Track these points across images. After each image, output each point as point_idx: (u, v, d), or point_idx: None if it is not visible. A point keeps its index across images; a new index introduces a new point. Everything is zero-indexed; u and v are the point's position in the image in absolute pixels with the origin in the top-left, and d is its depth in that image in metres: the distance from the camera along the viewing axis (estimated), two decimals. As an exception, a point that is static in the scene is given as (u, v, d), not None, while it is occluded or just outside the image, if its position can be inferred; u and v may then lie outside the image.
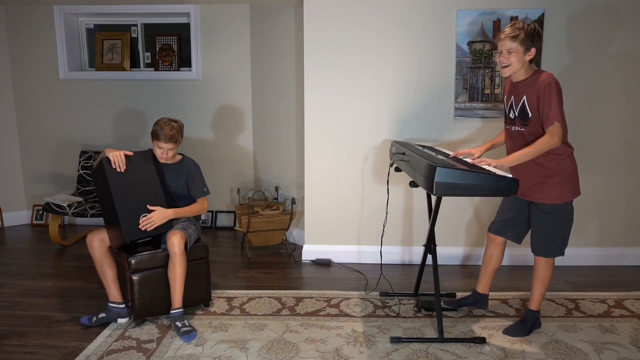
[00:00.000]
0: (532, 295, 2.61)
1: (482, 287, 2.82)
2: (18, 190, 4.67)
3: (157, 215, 2.64)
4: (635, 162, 3.53)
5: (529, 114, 2.40)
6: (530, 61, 2.42)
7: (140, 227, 2.60)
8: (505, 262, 3.60)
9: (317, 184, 3.68)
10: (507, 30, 2.38)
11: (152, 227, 2.63)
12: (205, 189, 2.92)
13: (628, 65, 3.41)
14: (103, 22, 4.68)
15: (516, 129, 2.49)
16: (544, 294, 2.59)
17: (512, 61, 2.38)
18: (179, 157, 2.92)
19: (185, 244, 2.66)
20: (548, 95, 2.31)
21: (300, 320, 2.75)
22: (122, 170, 2.61)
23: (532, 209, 2.53)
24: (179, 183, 2.87)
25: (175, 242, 2.58)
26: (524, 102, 2.42)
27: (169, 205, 2.80)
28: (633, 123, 3.48)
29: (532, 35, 2.35)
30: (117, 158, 2.61)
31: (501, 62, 2.42)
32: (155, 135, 2.73)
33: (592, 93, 3.44)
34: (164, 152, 2.76)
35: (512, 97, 2.51)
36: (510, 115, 2.53)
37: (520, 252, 3.58)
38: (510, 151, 2.56)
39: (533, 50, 2.37)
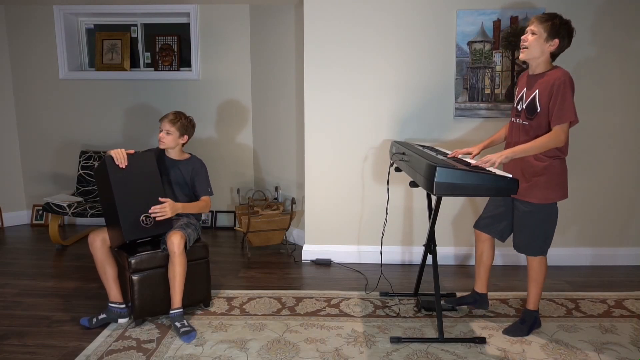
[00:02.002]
0: (528, 295, 2.61)
1: (479, 286, 2.82)
2: (18, 190, 4.67)
3: (169, 207, 2.66)
4: (635, 161, 3.52)
5: (537, 109, 2.39)
6: (553, 56, 2.40)
7: (136, 229, 2.60)
8: (505, 262, 3.60)
9: (317, 184, 3.68)
10: (542, 14, 2.39)
11: (162, 218, 2.64)
12: (209, 189, 2.93)
13: (629, 65, 3.41)
14: (103, 22, 4.68)
15: (520, 122, 2.49)
16: (540, 293, 2.59)
17: (531, 44, 2.37)
18: (187, 155, 2.95)
19: (185, 244, 2.66)
20: (562, 93, 2.29)
21: (300, 320, 2.75)
22: (124, 167, 2.62)
23: (516, 205, 2.53)
24: (183, 180, 2.89)
25: (175, 241, 2.58)
26: (535, 96, 2.40)
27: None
28: (633, 123, 3.48)
29: (561, 26, 2.34)
30: (119, 154, 2.62)
31: (522, 42, 2.41)
32: (161, 118, 2.86)
33: (592, 93, 3.44)
34: (163, 133, 2.83)
35: (525, 89, 2.49)
36: (518, 107, 2.52)
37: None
38: (510, 145, 2.55)
39: (556, 41, 2.35)
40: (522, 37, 2.42)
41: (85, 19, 4.66)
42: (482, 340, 2.51)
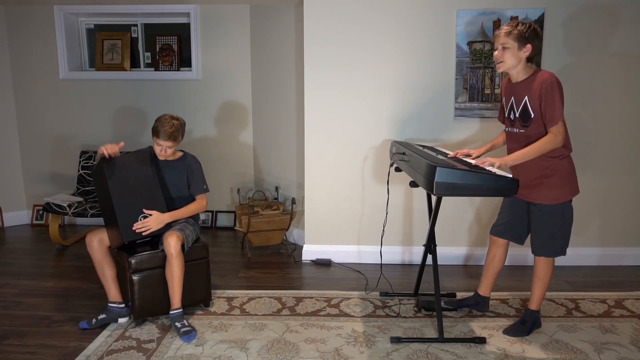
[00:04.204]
0: (532, 295, 2.61)
1: (483, 289, 2.81)
2: (18, 190, 4.67)
3: (153, 220, 2.63)
4: (635, 162, 3.52)
5: (531, 115, 2.39)
6: (530, 60, 2.42)
7: (135, 230, 2.60)
8: (506, 262, 3.59)
9: (317, 184, 3.68)
10: (503, 27, 2.41)
11: (148, 232, 2.62)
12: (204, 186, 2.90)
13: (628, 65, 3.41)
14: (103, 22, 4.68)
15: (516, 130, 2.49)
16: (544, 293, 2.59)
17: (505, 57, 2.40)
18: (179, 154, 2.92)
19: (183, 245, 2.65)
20: (551, 94, 2.30)
21: (300, 320, 2.75)
22: (115, 156, 2.61)
23: (531, 209, 2.53)
24: (179, 180, 2.86)
25: (172, 243, 2.58)
26: (525, 103, 2.41)
27: (168, 205, 2.80)
28: (633, 123, 3.48)
29: (527, 32, 2.35)
30: (109, 148, 2.61)
31: (496, 58, 2.44)
32: (155, 132, 2.73)
33: (592, 93, 3.44)
34: (163, 150, 2.76)
35: (512, 98, 2.50)
36: (511, 116, 2.53)
37: (520, 252, 3.58)
38: (511, 152, 2.55)
39: (529, 46, 2.36)
40: (495, 55, 2.45)
41: (85, 19, 4.66)
42: (482, 340, 2.51)
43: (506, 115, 2.57)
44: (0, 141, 4.56)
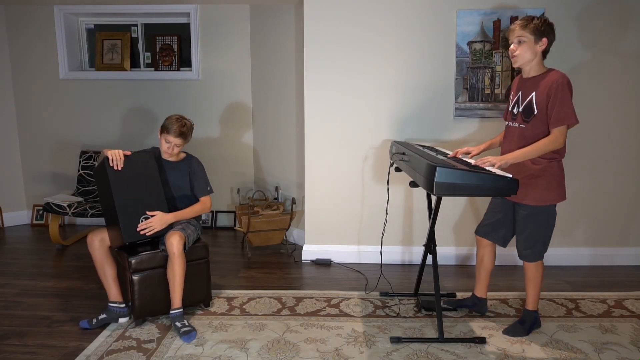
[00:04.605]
0: (526, 296, 2.62)
1: (479, 290, 2.81)
2: (18, 190, 4.68)
3: (157, 221, 2.64)
4: (636, 162, 3.52)
5: (534, 111, 2.39)
6: (544, 55, 2.41)
7: (138, 231, 2.60)
8: (505, 262, 3.60)
9: (317, 184, 3.68)
10: (517, 21, 2.41)
11: (151, 233, 2.63)
12: (208, 188, 2.92)
13: (628, 65, 3.41)
14: (103, 22, 4.68)
15: (517, 125, 2.49)
16: (538, 293, 2.59)
17: (521, 51, 2.38)
18: (183, 155, 2.94)
19: (184, 245, 2.65)
20: (561, 95, 2.30)
21: (300, 320, 2.75)
22: (119, 169, 2.61)
23: (516, 210, 2.53)
24: (182, 181, 2.87)
25: (174, 242, 2.58)
26: (532, 98, 2.40)
27: (170, 205, 2.80)
28: (633, 123, 3.48)
29: (542, 25, 2.36)
30: (116, 156, 2.61)
31: (512, 52, 2.43)
32: (165, 129, 2.75)
33: (591, 93, 3.44)
34: (171, 147, 2.77)
35: (520, 92, 2.49)
36: (514, 110, 2.52)
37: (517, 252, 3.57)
38: (505, 150, 2.55)
39: (544, 40, 2.36)
40: (510, 49, 2.44)
41: (85, 19, 4.66)
42: (482, 340, 2.51)
43: (509, 108, 2.57)
44: (0, 141, 4.56)
